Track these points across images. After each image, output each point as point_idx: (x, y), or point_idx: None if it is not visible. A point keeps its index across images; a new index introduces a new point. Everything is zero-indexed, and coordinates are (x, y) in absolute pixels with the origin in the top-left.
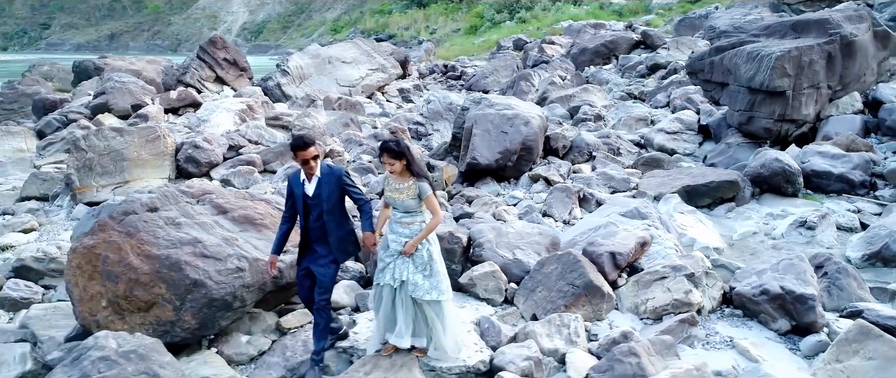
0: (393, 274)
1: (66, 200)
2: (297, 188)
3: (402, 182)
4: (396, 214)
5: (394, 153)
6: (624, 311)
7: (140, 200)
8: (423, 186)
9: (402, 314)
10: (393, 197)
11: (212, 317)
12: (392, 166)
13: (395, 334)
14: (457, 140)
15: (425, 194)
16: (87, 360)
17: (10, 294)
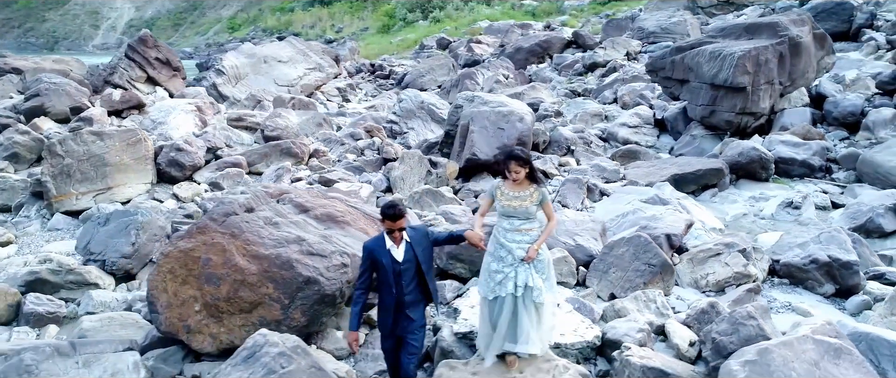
0: (516, 282)
1: (33, 210)
2: (384, 257)
3: (522, 190)
4: (513, 223)
5: (522, 161)
6: (684, 285)
7: (237, 201)
8: (545, 191)
9: (526, 320)
10: (513, 206)
11: (319, 313)
12: (518, 174)
13: (522, 342)
14: (449, 137)
15: (547, 199)
16: (265, 356)
17: (34, 309)
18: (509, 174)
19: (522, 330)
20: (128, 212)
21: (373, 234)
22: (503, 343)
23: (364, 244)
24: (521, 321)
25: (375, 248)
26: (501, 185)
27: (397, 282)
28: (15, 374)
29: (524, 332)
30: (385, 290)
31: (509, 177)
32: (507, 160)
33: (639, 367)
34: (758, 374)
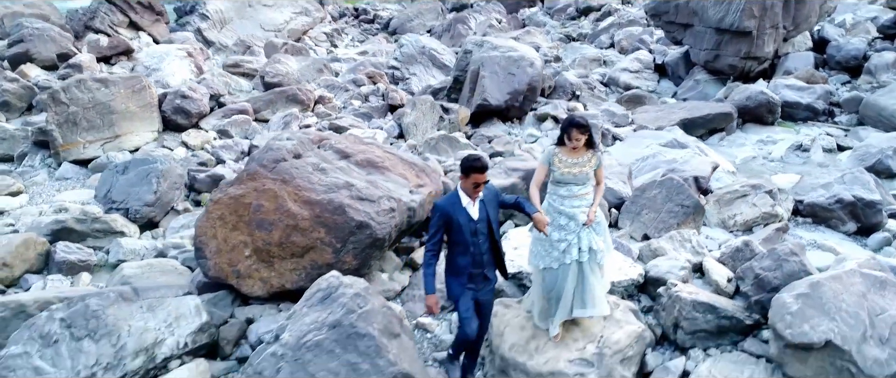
0: (580, 247)
1: (38, 160)
2: (461, 216)
3: (579, 156)
4: (571, 189)
5: (583, 128)
6: (711, 226)
7: (285, 147)
8: (601, 156)
9: (595, 283)
10: (573, 173)
11: (368, 257)
12: (578, 141)
13: (590, 305)
14: (458, 82)
15: (603, 163)
16: (342, 297)
17: (66, 257)
18: (570, 141)
19: (591, 293)
20: (147, 160)
21: (412, 180)
22: (572, 310)
23: (436, 204)
24: (590, 285)
25: (450, 207)
26: (558, 152)
27: (474, 241)
28: (82, 318)
29: (593, 296)
30: (459, 251)
31: (569, 144)
32: (568, 128)
33: (689, 301)
34: (810, 305)
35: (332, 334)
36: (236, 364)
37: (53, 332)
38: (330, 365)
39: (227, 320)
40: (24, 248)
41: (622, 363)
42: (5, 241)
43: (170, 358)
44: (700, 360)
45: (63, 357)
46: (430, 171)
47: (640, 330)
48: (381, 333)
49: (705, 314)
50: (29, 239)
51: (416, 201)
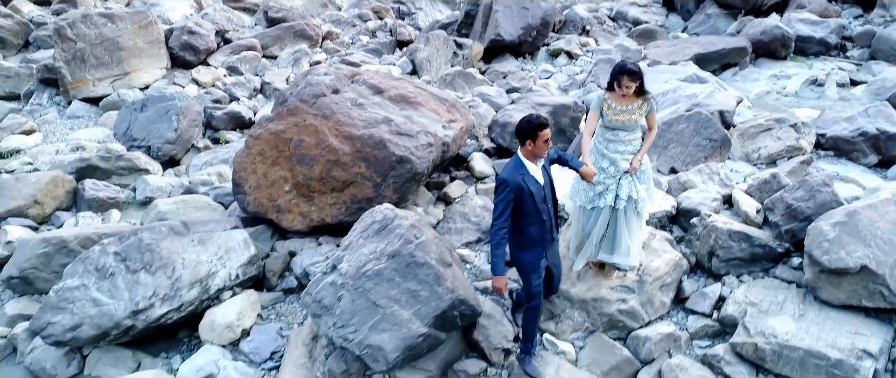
0: (617, 193)
1: (45, 98)
2: (531, 184)
3: (630, 103)
4: (618, 134)
5: (635, 75)
6: (735, 159)
7: (324, 83)
8: (653, 102)
9: (625, 233)
10: (622, 120)
11: (407, 191)
12: (629, 89)
13: (621, 254)
14: (469, 17)
15: (654, 109)
16: (398, 228)
17: (95, 195)
18: (620, 89)
19: (621, 242)
20: (164, 97)
21: (443, 115)
22: (597, 252)
23: (501, 178)
24: (621, 234)
25: (520, 178)
26: (608, 99)
27: (545, 207)
28: (137, 252)
29: (624, 245)
30: (531, 221)
31: (619, 91)
32: (619, 75)
33: (725, 231)
34: (847, 233)
35: (391, 264)
36: (282, 295)
37: (108, 265)
38: (391, 292)
39: (270, 254)
40: (53, 185)
41: (661, 289)
42: (33, 179)
43: (222, 289)
44: (734, 285)
45: (120, 289)
46: (461, 107)
47: (678, 258)
48: (438, 262)
49: (740, 243)
50: (57, 177)
51: (450, 136)
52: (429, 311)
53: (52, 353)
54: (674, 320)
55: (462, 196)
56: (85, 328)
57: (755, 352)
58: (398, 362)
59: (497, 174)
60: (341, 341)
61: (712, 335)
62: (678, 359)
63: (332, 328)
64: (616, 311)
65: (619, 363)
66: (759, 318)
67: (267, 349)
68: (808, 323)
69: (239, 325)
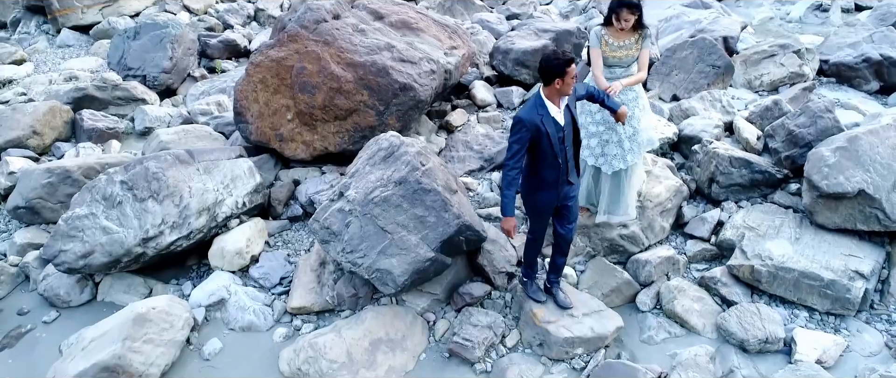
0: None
1: (32, 26)
2: (550, 126)
3: (627, 38)
4: (615, 72)
5: (634, 7)
6: (737, 86)
7: (324, 7)
8: (649, 36)
9: (628, 191)
10: (618, 56)
11: (410, 119)
12: (628, 22)
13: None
14: None
15: (648, 44)
16: (405, 155)
17: (94, 125)
18: (618, 22)
19: (623, 202)
20: (157, 25)
21: (445, 42)
22: (603, 215)
23: (518, 117)
24: (624, 194)
25: (536, 119)
26: (605, 34)
27: (562, 149)
28: (143, 180)
29: (626, 204)
30: (546, 164)
31: (617, 25)
32: (618, 8)
33: (726, 157)
34: (847, 158)
35: (398, 190)
36: (288, 223)
37: (116, 193)
38: (398, 218)
39: (274, 182)
40: (51, 115)
41: (661, 214)
42: (30, 109)
43: (229, 217)
44: (733, 211)
45: (129, 217)
46: (463, 33)
47: (678, 184)
48: (444, 189)
49: (741, 169)
50: (54, 107)
51: (452, 63)
52: (436, 236)
53: (65, 280)
54: (673, 245)
55: (464, 124)
56: (97, 256)
57: (751, 274)
58: (406, 285)
59: (498, 102)
60: (350, 266)
61: (710, 259)
62: (676, 281)
63: (342, 253)
64: (617, 235)
65: (619, 285)
66: (757, 242)
67: (276, 275)
68: (803, 246)
69: (248, 251)
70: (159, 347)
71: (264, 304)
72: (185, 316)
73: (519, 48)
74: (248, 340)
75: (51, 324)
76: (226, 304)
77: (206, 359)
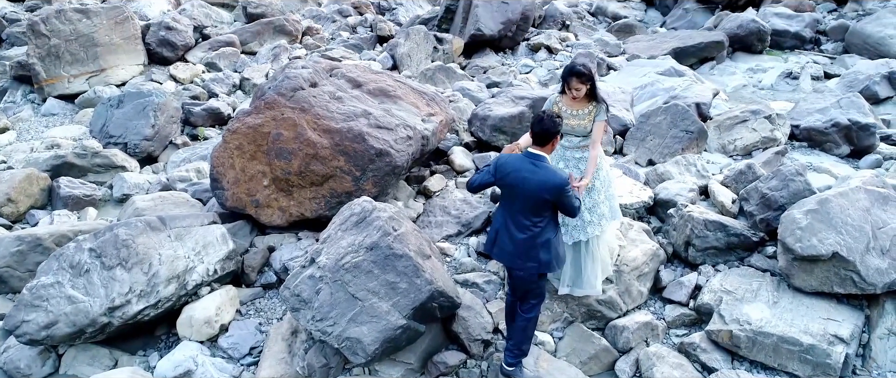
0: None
1: (19, 95)
2: None
3: (581, 108)
4: (572, 141)
5: (584, 77)
6: (711, 151)
7: (302, 76)
8: (603, 109)
9: (590, 264)
10: (572, 124)
11: (387, 184)
12: (578, 91)
13: (586, 284)
14: (449, 12)
15: (602, 117)
16: (377, 221)
17: (71, 192)
18: (569, 91)
19: (587, 275)
20: (141, 93)
21: (423, 109)
22: (566, 287)
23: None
24: (586, 267)
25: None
26: (559, 102)
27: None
28: (112, 248)
29: (588, 277)
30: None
31: (569, 94)
32: (567, 76)
33: (701, 221)
34: (819, 220)
35: (369, 256)
36: (262, 290)
37: (83, 261)
38: (369, 284)
39: (249, 249)
40: (27, 183)
41: (639, 279)
42: (7, 177)
43: (200, 284)
44: (710, 275)
45: (96, 285)
46: (440, 101)
47: (655, 248)
48: (416, 254)
49: (716, 232)
50: (31, 174)
51: (430, 130)
52: (408, 303)
53: (27, 352)
54: (651, 310)
55: (442, 190)
56: (60, 326)
57: (730, 339)
58: (377, 354)
59: (477, 167)
60: (320, 335)
61: (689, 324)
62: (655, 347)
63: (311, 322)
64: (594, 301)
65: (597, 352)
66: (735, 306)
67: (246, 344)
68: (781, 310)
69: (217, 320)
70: None
71: (232, 375)
72: None
73: (496, 115)
74: None
75: None
76: (192, 375)
77: None
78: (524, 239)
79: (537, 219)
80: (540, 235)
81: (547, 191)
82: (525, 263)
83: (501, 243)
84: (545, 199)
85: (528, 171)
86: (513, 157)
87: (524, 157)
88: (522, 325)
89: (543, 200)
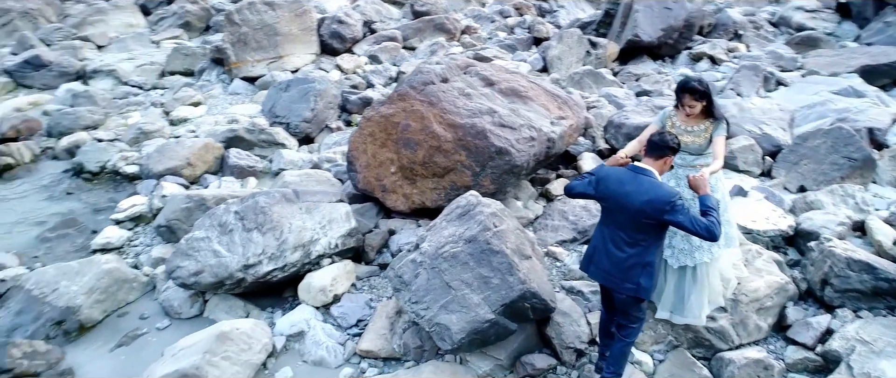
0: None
1: (214, 75)
2: None
3: (696, 124)
4: (686, 158)
5: (698, 94)
6: (883, 183)
7: (434, 71)
8: (722, 126)
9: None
10: (685, 141)
11: (505, 182)
12: (692, 108)
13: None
14: (608, 16)
15: (722, 133)
16: (480, 215)
17: (237, 162)
18: (683, 108)
19: (690, 304)
20: (306, 79)
21: (553, 111)
22: (664, 311)
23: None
24: (689, 295)
25: None
26: (673, 116)
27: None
28: (253, 213)
29: (692, 307)
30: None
31: (683, 110)
32: (680, 92)
33: (843, 258)
34: None
35: (467, 248)
36: (378, 269)
37: (229, 222)
38: (463, 275)
39: (372, 230)
40: (204, 151)
41: (758, 312)
42: (190, 144)
43: (322, 256)
44: (848, 320)
45: (236, 244)
46: (573, 104)
47: (783, 282)
48: (513, 252)
49: (861, 273)
50: (208, 144)
51: (557, 133)
52: (498, 299)
53: (180, 294)
54: (770, 348)
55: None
56: (205, 275)
57: None
58: (463, 344)
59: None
60: (414, 316)
61: (811, 370)
62: None
63: (408, 303)
64: (704, 328)
65: None
66: (869, 359)
67: (354, 316)
68: None
69: (332, 290)
70: (235, 366)
71: (338, 342)
72: (265, 341)
73: (632, 123)
74: (316, 374)
75: (162, 330)
76: (304, 336)
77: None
78: (623, 258)
79: (639, 237)
80: (640, 256)
81: (652, 207)
82: (622, 284)
83: (599, 261)
84: (649, 216)
85: (632, 185)
86: (616, 170)
87: (629, 171)
88: (620, 347)
89: (647, 217)
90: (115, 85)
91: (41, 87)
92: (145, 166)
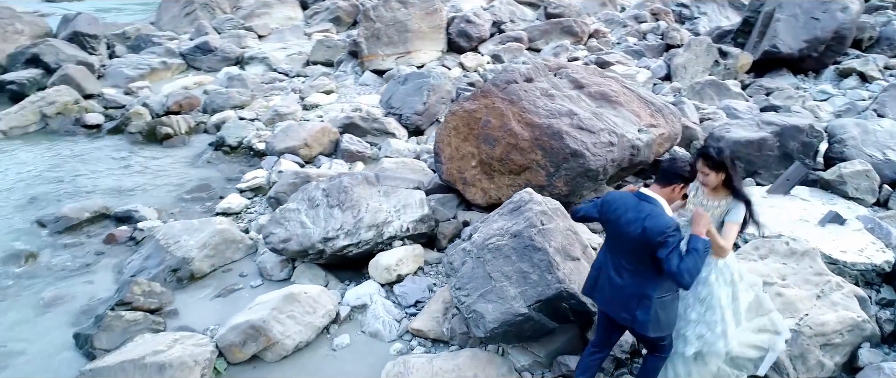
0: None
1: (350, 66)
2: None
3: (716, 199)
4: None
5: (712, 163)
6: None
7: (518, 71)
8: (738, 209)
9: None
10: None
11: (579, 185)
12: (706, 177)
13: None
14: (747, 24)
15: (734, 217)
16: (528, 211)
17: (348, 147)
18: (698, 176)
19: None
20: (422, 74)
21: (644, 118)
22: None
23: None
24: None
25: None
26: (700, 187)
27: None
28: (336, 191)
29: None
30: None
31: (700, 179)
32: (696, 158)
33: None
34: None
35: (511, 242)
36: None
37: (317, 198)
38: (505, 268)
39: (449, 219)
40: (321, 134)
41: (823, 348)
42: (309, 127)
43: (394, 237)
44: None
45: (320, 218)
46: (668, 113)
47: (859, 319)
48: (556, 251)
49: None
50: (325, 128)
51: (643, 140)
52: (534, 295)
53: (273, 258)
54: None
55: None
56: (292, 243)
57: None
58: (497, 334)
59: None
60: (456, 301)
61: None
62: None
63: (453, 288)
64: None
65: None
66: None
67: (414, 297)
68: None
69: (396, 270)
70: (299, 325)
71: (394, 318)
72: (329, 307)
73: (731, 137)
74: (370, 345)
75: (255, 288)
76: (366, 309)
77: (333, 349)
78: (620, 285)
79: (639, 265)
80: (639, 286)
81: (645, 236)
82: (620, 313)
83: (601, 286)
84: (645, 244)
85: (634, 212)
86: (622, 195)
87: (634, 196)
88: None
89: (643, 245)
90: (265, 71)
91: (207, 69)
92: (270, 144)
